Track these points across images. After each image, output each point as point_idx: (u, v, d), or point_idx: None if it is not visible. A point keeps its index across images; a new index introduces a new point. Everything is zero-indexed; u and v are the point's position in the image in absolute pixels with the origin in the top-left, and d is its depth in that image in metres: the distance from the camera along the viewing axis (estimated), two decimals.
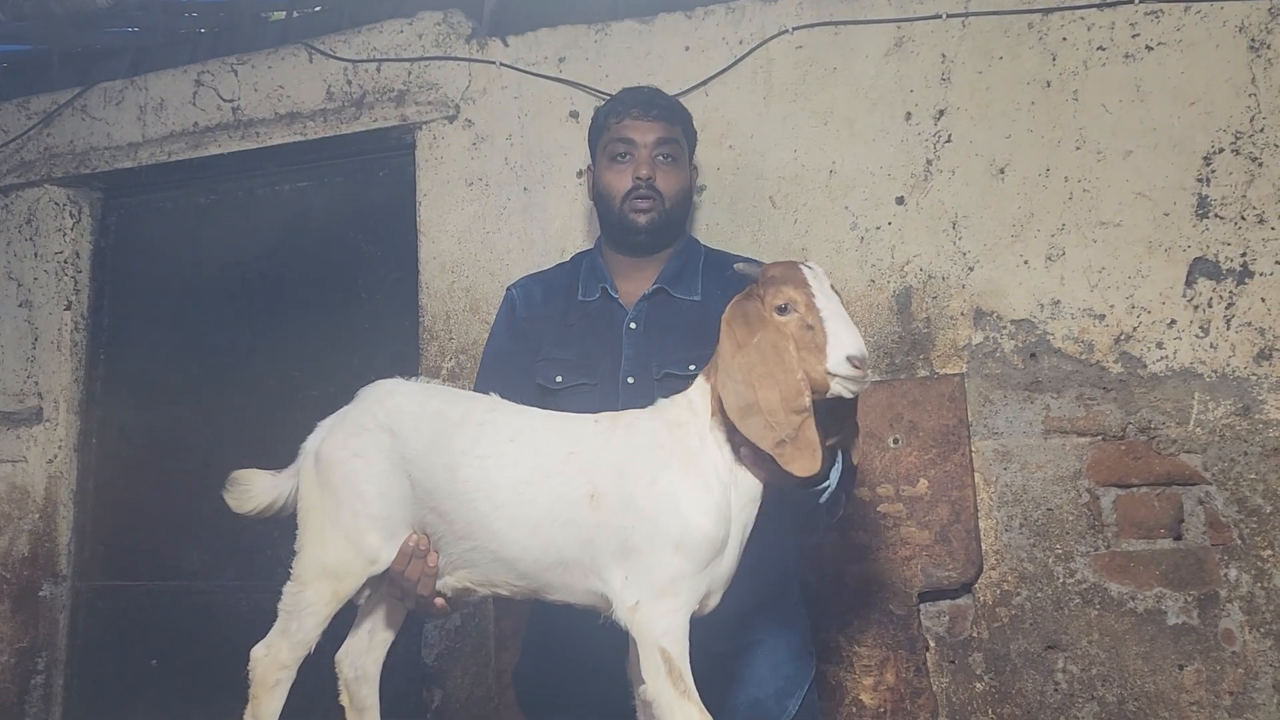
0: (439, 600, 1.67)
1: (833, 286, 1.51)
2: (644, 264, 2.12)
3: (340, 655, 1.80)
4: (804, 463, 1.42)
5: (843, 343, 1.42)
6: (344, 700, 1.79)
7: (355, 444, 1.67)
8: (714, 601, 1.56)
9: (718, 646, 1.81)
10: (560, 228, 2.83)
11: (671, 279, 2.08)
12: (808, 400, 1.43)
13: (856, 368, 1.42)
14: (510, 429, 1.62)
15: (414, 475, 1.63)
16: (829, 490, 1.71)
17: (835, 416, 1.56)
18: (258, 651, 1.65)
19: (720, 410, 1.51)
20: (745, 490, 1.54)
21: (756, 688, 1.92)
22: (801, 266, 1.51)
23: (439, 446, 1.62)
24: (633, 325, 2.04)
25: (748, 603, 1.80)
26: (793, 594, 2.06)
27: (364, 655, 1.79)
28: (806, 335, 1.45)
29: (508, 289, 2.21)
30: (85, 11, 3.14)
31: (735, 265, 1.68)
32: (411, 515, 1.66)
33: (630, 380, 1.98)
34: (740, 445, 1.52)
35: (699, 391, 1.58)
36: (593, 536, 1.51)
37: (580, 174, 2.47)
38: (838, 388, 1.43)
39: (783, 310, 1.47)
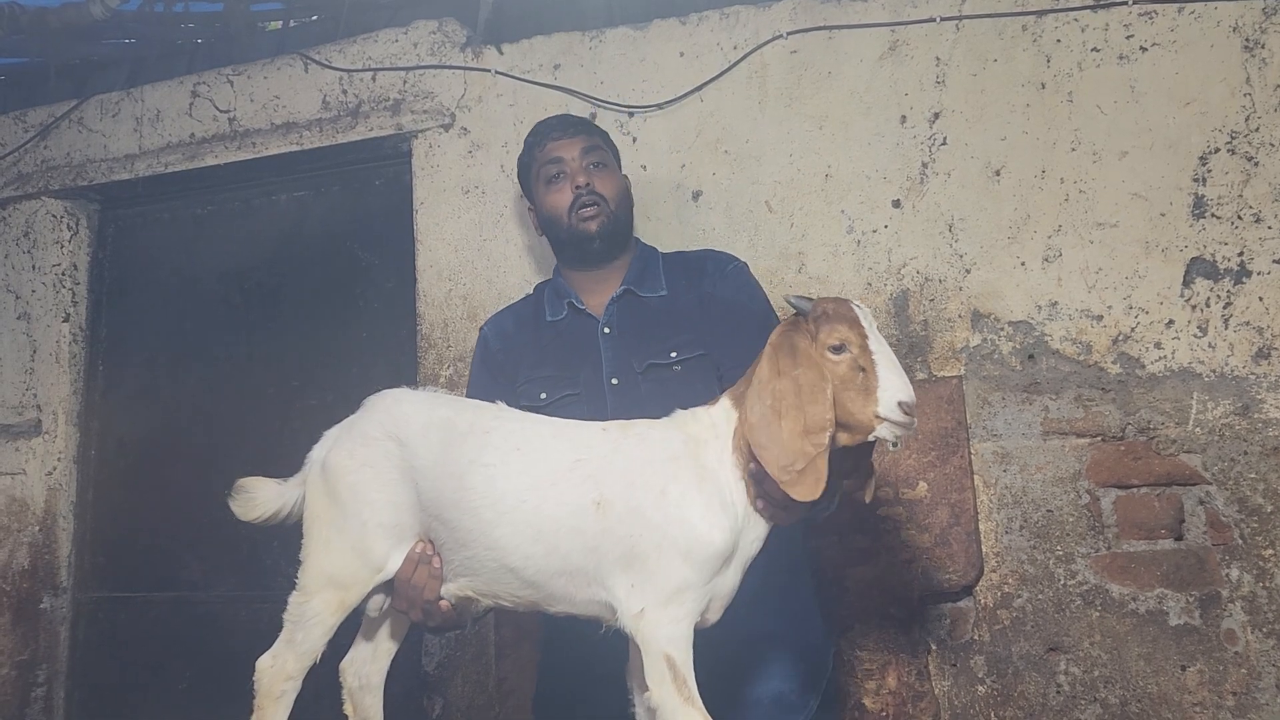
0: (444, 604, 1.67)
1: (877, 328, 1.53)
2: (604, 275, 2.18)
3: (344, 664, 1.79)
4: (805, 489, 1.44)
5: (895, 388, 1.44)
6: (348, 709, 1.79)
7: (363, 453, 1.67)
8: (714, 616, 1.57)
9: (736, 632, 1.82)
10: None
11: (636, 280, 2.15)
12: (826, 439, 1.45)
13: (906, 414, 1.43)
14: (517, 437, 1.63)
15: (421, 484, 1.63)
16: (828, 514, 1.75)
17: (853, 457, 1.58)
18: (263, 662, 1.65)
19: (743, 442, 1.52)
20: (754, 528, 1.57)
21: (781, 681, 1.93)
22: (854, 305, 1.52)
23: (447, 455, 1.62)
24: (606, 330, 2.09)
25: (763, 585, 1.81)
26: (805, 586, 2.08)
27: (368, 664, 1.79)
28: (858, 377, 1.46)
29: (480, 329, 2.26)
30: (81, 24, 3.13)
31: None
32: (418, 523, 1.66)
33: (614, 381, 2.02)
34: (751, 462, 1.53)
35: (724, 414, 1.59)
36: (598, 544, 1.52)
37: (530, 209, 2.38)
38: (884, 431, 1.45)
39: (837, 350, 1.48)
